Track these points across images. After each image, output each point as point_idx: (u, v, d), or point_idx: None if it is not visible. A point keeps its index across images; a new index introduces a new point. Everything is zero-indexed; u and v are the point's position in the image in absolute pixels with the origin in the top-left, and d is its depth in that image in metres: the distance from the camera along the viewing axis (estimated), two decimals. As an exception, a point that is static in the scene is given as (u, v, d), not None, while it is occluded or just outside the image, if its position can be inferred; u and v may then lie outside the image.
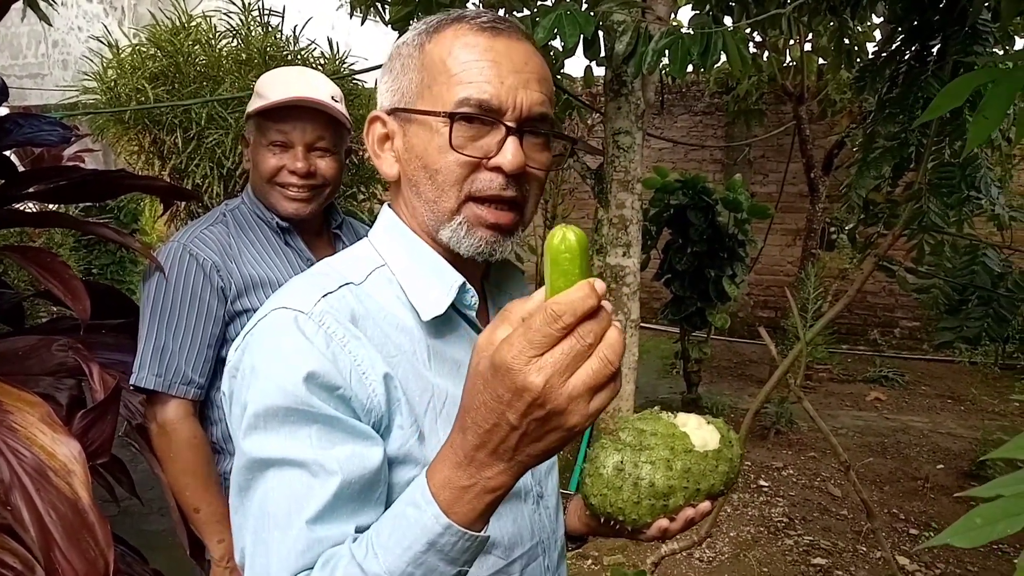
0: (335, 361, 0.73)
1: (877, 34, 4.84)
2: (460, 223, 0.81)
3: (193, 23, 3.60)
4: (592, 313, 0.58)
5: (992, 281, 1.62)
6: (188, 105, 3.15)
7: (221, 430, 1.53)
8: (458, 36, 0.82)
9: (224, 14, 3.73)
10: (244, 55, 3.55)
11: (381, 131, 0.87)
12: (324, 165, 1.52)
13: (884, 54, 2.06)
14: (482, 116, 0.79)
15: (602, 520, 0.99)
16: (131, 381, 1.40)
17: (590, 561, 3.35)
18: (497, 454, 0.62)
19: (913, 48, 1.94)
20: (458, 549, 0.65)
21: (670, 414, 1.02)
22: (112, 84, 3.26)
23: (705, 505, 0.96)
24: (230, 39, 3.69)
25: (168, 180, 3.26)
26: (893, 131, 1.82)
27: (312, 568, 0.69)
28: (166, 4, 3.83)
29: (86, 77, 3.52)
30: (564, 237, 0.60)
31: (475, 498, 0.64)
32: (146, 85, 3.21)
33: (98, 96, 3.42)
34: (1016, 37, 1.83)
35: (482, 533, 0.66)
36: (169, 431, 1.43)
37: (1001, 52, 2.04)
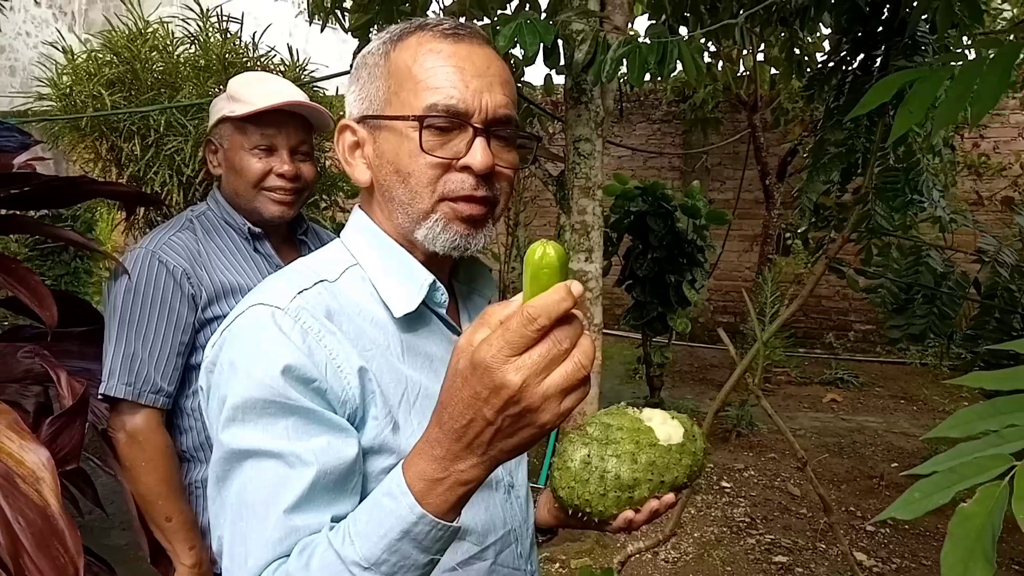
0: (311, 355, 0.76)
1: (826, 44, 5.01)
2: (436, 220, 0.84)
3: (150, 29, 3.56)
4: (568, 318, 0.61)
5: (935, 280, 1.71)
6: (146, 112, 3.12)
7: (192, 438, 1.51)
8: (422, 43, 0.84)
9: (182, 20, 3.70)
10: (202, 61, 3.52)
11: (351, 139, 0.89)
12: (306, 169, 1.54)
13: (831, 64, 2.15)
14: (450, 119, 0.82)
15: (570, 512, 1.03)
16: (100, 390, 1.39)
17: (558, 564, 3.38)
18: (471, 448, 0.65)
19: (859, 58, 2.03)
20: (431, 538, 0.67)
21: (636, 409, 1.05)
22: (68, 91, 3.21)
23: (669, 497, 1.00)
24: (188, 45, 3.65)
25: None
26: (841, 138, 1.91)
27: (289, 556, 0.71)
28: (120, 9, 3.78)
29: (38, 83, 3.45)
30: (544, 252, 0.63)
31: (448, 490, 0.66)
32: (103, 92, 3.17)
33: (52, 103, 3.36)
34: (951, 47, 1.94)
35: (454, 523, 0.68)
36: (141, 440, 1.41)
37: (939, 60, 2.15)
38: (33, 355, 1.24)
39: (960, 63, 1.12)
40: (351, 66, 0.94)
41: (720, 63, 6.60)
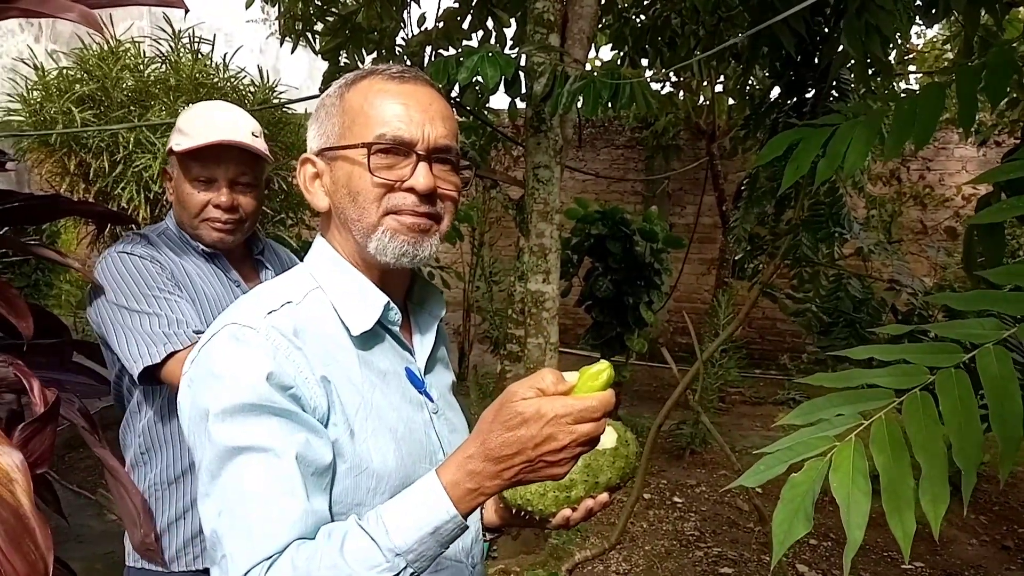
0: (283, 367, 0.87)
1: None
2: (383, 232, 0.95)
3: (122, 48, 3.63)
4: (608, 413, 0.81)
5: (854, 306, 1.86)
6: (116, 130, 3.19)
7: (145, 440, 1.56)
8: (372, 85, 0.97)
9: (153, 40, 3.77)
10: (173, 81, 3.60)
11: (312, 171, 1.01)
12: (245, 201, 1.60)
13: (766, 104, 2.32)
14: (396, 147, 0.94)
15: (514, 511, 1.14)
16: (135, 373, 1.41)
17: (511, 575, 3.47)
18: (502, 472, 0.80)
19: (791, 100, 2.20)
20: (451, 535, 0.81)
21: (575, 416, 1.18)
22: (38, 106, 3.26)
23: (603, 496, 1.12)
24: (159, 64, 3.73)
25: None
26: (772, 172, 2.07)
27: (308, 539, 0.82)
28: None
29: (8, 98, 3.49)
30: (609, 373, 0.82)
31: (475, 499, 0.81)
32: (73, 108, 3.23)
33: (21, 117, 3.41)
34: (875, 91, 2.13)
35: (467, 523, 0.82)
36: None
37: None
38: (7, 364, 1.31)
39: (860, 116, 1.28)
40: (321, 88, 1.07)
41: (681, 93, 6.84)
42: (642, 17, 4.75)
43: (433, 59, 4.40)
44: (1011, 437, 0.84)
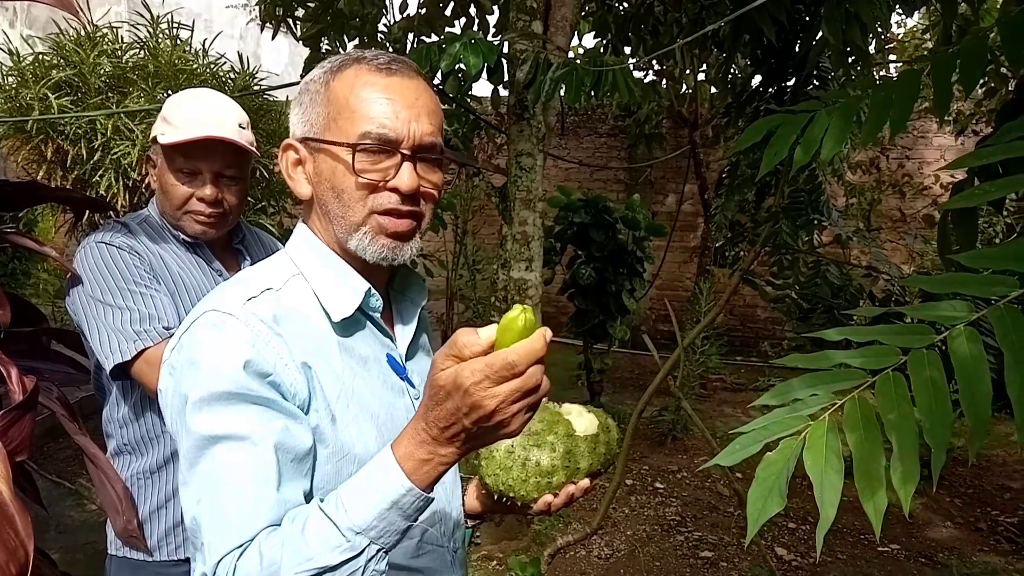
0: (263, 354, 0.86)
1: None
2: (365, 233, 0.95)
3: (99, 33, 3.57)
4: (540, 360, 0.77)
5: (832, 292, 1.89)
6: (94, 116, 3.14)
7: (133, 431, 1.56)
8: (359, 75, 0.95)
9: (132, 26, 3.72)
10: (151, 67, 3.55)
11: (294, 157, 1.00)
12: (230, 194, 1.59)
13: (747, 92, 2.34)
14: (380, 146, 0.93)
15: (496, 497, 1.15)
16: (109, 368, 1.41)
17: (495, 562, 3.50)
18: (452, 441, 0.80)
19: (771, 89, 2.22)
20: (414, 507, 0.81)
21: (555, 404, 1.19)
22: (13, 92, 3.20)
23: (584, 482, 1.13)
24: (137, 50, 3.67)
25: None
26: (753, 160, 2.08)
27: (277, 524, 0.81)
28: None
29: (-18, 84, 3.42)
30: (526, 317, 0.77)
31: (431, 469, 0.80)
32: (49, 94, 3.18)
33: (-4, 104, 3.34)
34: (856, 77, 2.15)
35: (431, 494, 0.82)
36: None
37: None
38: (-14, 352, 1.30)
39: (839, 101, 1.30)
40: (302, 75, 1.06)
41: (663, 81, 6.85)
42: (625, 5, 4.75)
43: (415, 46, 4.38)
44: (980, 417, 0.86)
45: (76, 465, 4.22)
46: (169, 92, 3.47)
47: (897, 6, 2.83)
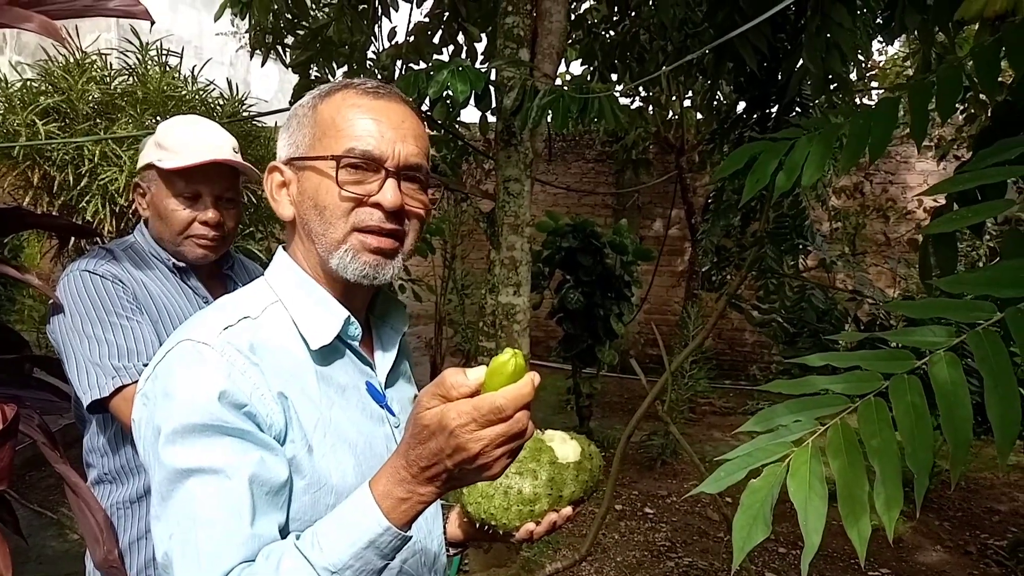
0: (238, 385, 0.85)
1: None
2: (346, 250, 0.94)
3: (88, 60, 3.59)
4: (527, 404, 0.77)
5: (817, 316, 1.91)
6: (82, 143, 3.14)
7: (113, 461, 1.54)
8: (346, 98, 0.96)
9: (121, 52, 3.73)
10: (140, 93, 3.56)
11: (279, 179, 1.00)
12: (229, 217, 1.62)
13: (730, 119, 2.37)
14: (365, 162, 0.94)
15: (477, 525, 1.14)
16: (87, 402, 1.39)
17: (483, 590, 3.46)
18: (431, 481, 0.79)
19: (755, 115, 2.25)
20: (391, 547, 0.80)
21: (539, 431, 1.18)
22: (1, 119, 3.20)
23: (567, 510, 1.13)
24: (126, 77, 3.69)
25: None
26: (739, 186, 2.10)
27: (252, 561, 0.80)
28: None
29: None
30: (516, 362, 0.77)
31: (410, 507, 0.80)
32: (37, 120, 3.18)
33: (-17, 130, 3.34)
34: (837, 105, 2.20)
35: (408, 533, 0.81)
36: None
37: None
38: (-34, 380, 1.29)
39: (819, 129, 1.32)
40: (291, 101, 1.06)
41: (650, 108, 6.93)
42: (611, 33, 4.82)
43: (404, 73, 4.42)
44: (962, 441, 0.86)
45: (58, 494, 4.15)
46: (158, 118, 3.48)
47: (877, 35, 2.89)
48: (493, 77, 3.18)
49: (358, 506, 0.80)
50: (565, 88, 2.85)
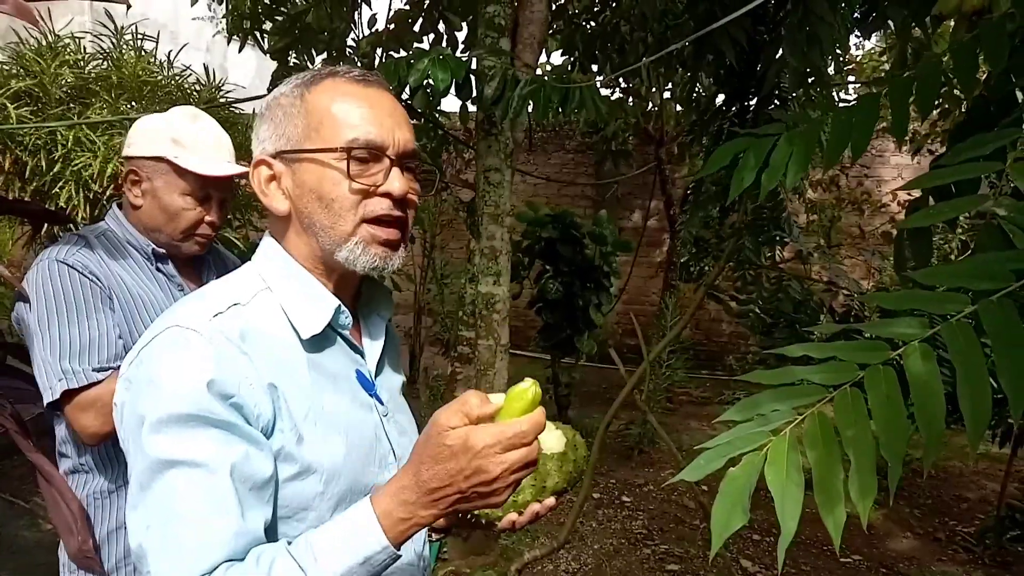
0: (226, 374, 0.84)
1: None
2: (356, 243, 0.94)
3: (61, 43, 3.51)
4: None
5: (794, 307, 1.93)
6: (55, 127, 3.08)
7: (92, 451, 1.52)
8: (336, 87, 0.95)
9: (95, 36, 3.66)
10: (115, 78, 3.49)
11: (267, 173, 0.97)
12: (222, 215, 1.63)
13: (710, 112, 2.39)
14: (369, 152, 0.93)
15: (460, 515, 1.15)
16: (46, 402, 1.38)
17: (462, 579, 3.47)
18: (437, 503, 0.80)
19: (734, 108, 2.27)
20: (383, 564, 0.80)
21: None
22: (-30, 102, 3.13)
23: (550, 501, 1.13)
24: (100, 61, 3.62)
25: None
26: (717, 177, 2.12)
27: (237, 560, 0.79)
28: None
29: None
30: (535, 391, 0.82)
31: (408, 528, 0.80)
32: (8, 104, 3.11)
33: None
34: (816, 99, 2.22)
35: (400, 552, 0.81)
36: (105, 413, 1.37)
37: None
38: (-61, 371, 1.27)
39: (801, 124, 1.33)
40: (269, 87, 1.05)
41: (630, 99, 6.94)
42: (592, 24, 4.81)
43: (384, 61, 4.38)
44: (934, 431, 0.88)
45: (31, 484, 4.10)
46: (133, 104, 3.42)
47: (855, 29, 2.92)
48: (474, 66, 3.17)
49: (359, 522, 0.80)
50: (546, 78, 2.85)
